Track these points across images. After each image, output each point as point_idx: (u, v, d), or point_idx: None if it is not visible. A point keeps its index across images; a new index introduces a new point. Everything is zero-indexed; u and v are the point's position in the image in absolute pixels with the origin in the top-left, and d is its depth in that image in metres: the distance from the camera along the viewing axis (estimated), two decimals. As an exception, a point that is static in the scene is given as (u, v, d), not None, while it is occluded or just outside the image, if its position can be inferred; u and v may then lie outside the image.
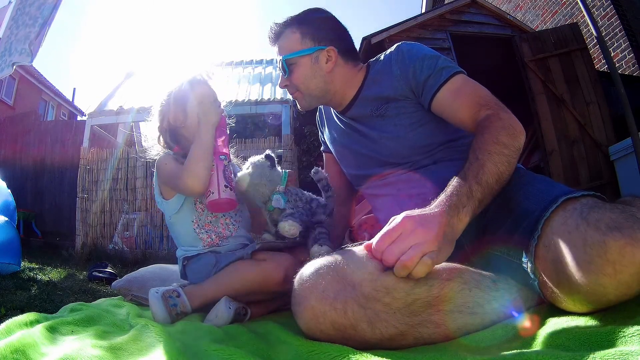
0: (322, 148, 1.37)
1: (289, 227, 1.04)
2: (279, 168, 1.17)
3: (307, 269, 0.69)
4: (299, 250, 1.15)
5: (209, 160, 1.12)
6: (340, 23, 1.12)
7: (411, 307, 0.64)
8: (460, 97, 0.93)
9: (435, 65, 0.97)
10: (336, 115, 1.20)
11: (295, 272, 0.95)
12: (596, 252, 0.55)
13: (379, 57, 1.10)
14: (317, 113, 1.34)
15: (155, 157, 1.25)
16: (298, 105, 1.15)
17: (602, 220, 0.57)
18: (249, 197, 1.18)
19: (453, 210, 0.69)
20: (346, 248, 0.76)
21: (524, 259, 0.69)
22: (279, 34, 1.10)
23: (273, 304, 1.15)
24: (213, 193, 1.11)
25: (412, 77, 0.99)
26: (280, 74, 1.12)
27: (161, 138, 1.26)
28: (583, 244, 0.57)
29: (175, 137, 1.25)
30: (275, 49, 1.12)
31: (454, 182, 0.74)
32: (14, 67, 2.67)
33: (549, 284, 0.63)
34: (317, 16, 1.10)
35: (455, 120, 0.95)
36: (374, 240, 0.67)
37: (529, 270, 0.68)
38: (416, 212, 0.68)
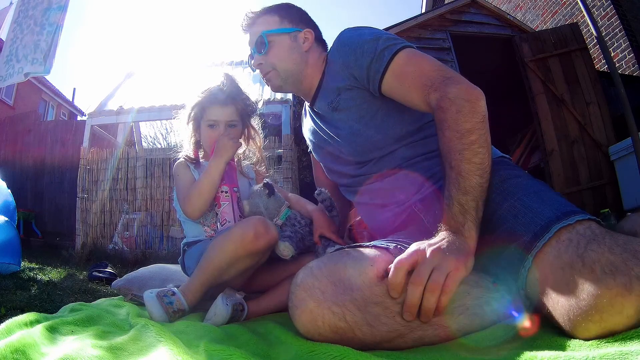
0: (308, 149, 1.36)
1: (283, 248, 1.11)
2: (279, 194, 1.24)
3: (304, 271, 0.69)
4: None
5: (212, 194, 1.19)
6: (312, 19, 1.14)
7: None
8: (405, 80, 0.87)
9: (375, 48, 0.90)
10: (309, 113, 1.19)
11: (265, 230, 1.00)
12: (587, 297, 0.53)
13: (331, 48, 1.09)
14: (301, 120, 1.34)
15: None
16: (270, 86, 1.13)
17: (598, 262, 0.55)
18: None
19: (458, 234, 0.68)
20: (345, 250, 0.76)
21: (514, 283, 0.68)
22: (254, 20, 1.10)
23: (270, 299, 1.15)
24: (229, 222, 1.19)
25: (353, 65, 0.95)
26: (254, 55, 1.10)
27: (191, 140, 1.34)
28: (574, 286, 0.55)
29: (198, 143, 1.34)
30: (247, 35, 1.12)
31: (444, 205, 0.73)
32: (28, 77, 2.64)
33: (539, 308, 0.63)
34: (292, 6, 1.13)
35: (408, 104, 0.90)
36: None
37: (520, 295, 0.67)
38: (424, 244, 0.67)
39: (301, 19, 1.10)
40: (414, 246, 0.67)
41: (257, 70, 1.13)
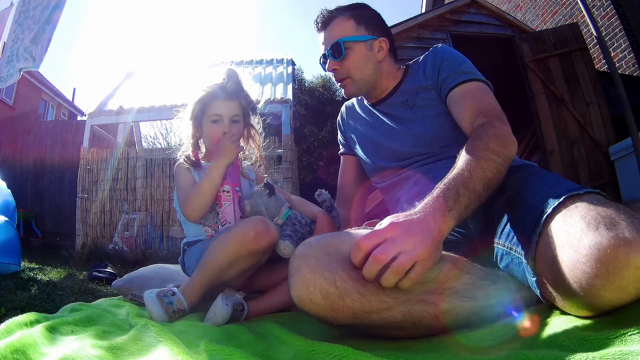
0: (340, 151, 1.38)
1: (284, 247, 1.10)
2: (279, 195, 1.23)
3: (303, 244, 0.72)
4: None
5: (212, 197, 1.19)
6: (385, 22, 1.17)
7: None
8: (466, 99, 0.98)
9: (458, 67, 1.04)
10: (366, 109, 1.23)
11: (265, 229, 1.03)
12: (591, 252, 0.53)
13: (418, 58, 1.17)
14: (339, 116, 1.37)
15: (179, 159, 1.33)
16: (344, 91, 1.15)
17: (599, 220, 0.56)
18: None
19: (439, 214, 0.67)
20: (346, 229, 0.80)
21: (525, 255, 0.69)
22: (329, 20, 1.11)
23: (270, 299, 1.16)
24: (230, 223, 1.18)
25: (437, 72, 1.07)
26: (329, 58, 1.10)
27: (190, 140, 1.32)
28: (578, 243, 0.56)
29: (197, 143, 1.33)
30: (322, 35, 1.13)
31: (441, 185, 0.73)
32: (21, 72, 2.66)
33: (547, 283, 0.63)
34: (368, 10, 1.15)
35: (457, 120, 1.00)
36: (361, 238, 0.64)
37: (528, 266, 0.68)
38: (401, 216, 0.66)
39: (377, 26, 1.13)
40: (387, 220, 0.66)
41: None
